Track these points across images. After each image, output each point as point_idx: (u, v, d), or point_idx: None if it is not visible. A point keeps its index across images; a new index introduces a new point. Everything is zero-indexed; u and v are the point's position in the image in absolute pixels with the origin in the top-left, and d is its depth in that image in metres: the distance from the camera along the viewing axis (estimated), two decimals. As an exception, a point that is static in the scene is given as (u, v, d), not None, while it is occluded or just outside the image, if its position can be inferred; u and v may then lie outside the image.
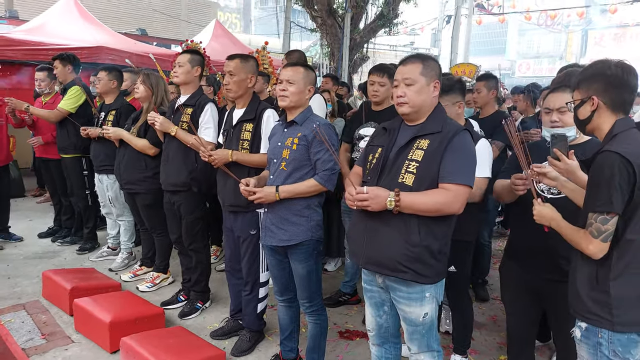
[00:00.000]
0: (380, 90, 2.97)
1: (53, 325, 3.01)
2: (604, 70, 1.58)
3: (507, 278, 2.25)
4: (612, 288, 1.52)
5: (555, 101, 2.00)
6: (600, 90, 1.58)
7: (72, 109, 4.08)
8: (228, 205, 2.65)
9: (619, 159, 1.46)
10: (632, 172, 1.46)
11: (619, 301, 1.52)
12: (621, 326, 1.52)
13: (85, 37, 6.62)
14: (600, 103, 1.58)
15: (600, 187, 1.49)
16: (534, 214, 1.70)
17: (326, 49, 9.28)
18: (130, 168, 3.40)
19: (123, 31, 9.73)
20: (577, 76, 1.67)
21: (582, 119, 1.64)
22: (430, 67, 1.83)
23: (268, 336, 2.95)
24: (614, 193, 1.46)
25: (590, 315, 1.57)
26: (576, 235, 1.57)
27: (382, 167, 1.85)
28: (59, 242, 4.52)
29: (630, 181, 1.46)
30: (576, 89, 1.65)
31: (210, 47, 7.17)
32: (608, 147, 1.51)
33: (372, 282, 1.97)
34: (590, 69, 1.64)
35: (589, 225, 1.52)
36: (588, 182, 1.56)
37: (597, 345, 1.56)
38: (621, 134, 1.54)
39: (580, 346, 1.64)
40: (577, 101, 1.65)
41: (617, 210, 1.47)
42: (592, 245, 1.51)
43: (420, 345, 1.92)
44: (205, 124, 2.90)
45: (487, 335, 3.07)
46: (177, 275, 3.68)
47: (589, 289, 1.58)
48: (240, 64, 2.57)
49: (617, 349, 1.53)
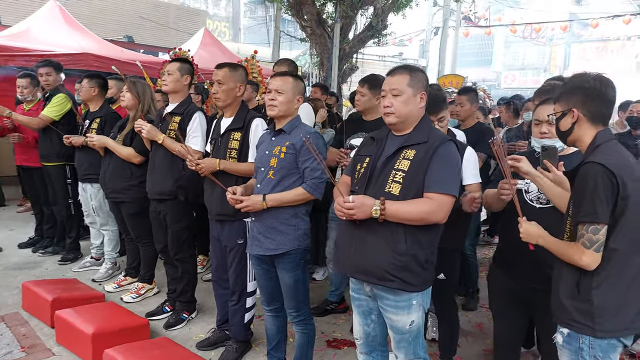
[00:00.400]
0: (360, 100, 3.02)
1: (33, 337, 2.94)
2: (583, 83, 1.63)
3: (495, 286, 2.28)
4: (595, 297, 1.56)
5: (544, 113, 2.04)
6: (579, 103, 1.62)
7: (56, 117, 4.01)
8: (215, 214, 2.63)
9: (602, 170, 1.50)
10: (616, 183, 1.49)
11: (600, 309, 1.55)
12: (602, 332, 1.56)
13: (70, 44, 6.54)
14: (580, 115, 1.63)
15: (585, 197, 1.52)
16: (521, 233, 1.72)
17: (315, 59, 9.34)
18: (116, 177, 3.35)
19: (109, 38, 9.66)
20: (558, 89, 1.72)
21: (564, 131, 1.69)
22: (417, 78, 1.87)
23: (255, 346, 2.91)
24: (598, 203, 1.49)
25: (573, 322, 1.60)
26: (566, 248, 1.59)
27: (370, 176, 1.87)
28: (40, 253, 4.42)
29: (614, 192, 1.50)
30: (557, 101, 1.70)
31: (198, 56, 7.14)
32: (592, 158, 1.55)
33: (359, 290, 1.98)
34: (570, 82, 1.68)
35: (580, 236, 1.54)
36: (573, 193, 1.59)
37: (578, 350, 1.60)
38: (603, 145, 1.59)
39: (562, 351, 1.67)
40: (558, 113, 1.69)
41: (602, 220, 1.50)
42: (586, 257, 1.52)
43: (407, 353, 1.94)
44: (193, 132, 2.89)
45: (473, 343, 3.08)
46: (162, 285, 3.62)
47: (571, 298, 1.61)
48: (229, 72, 2.57)
49: (597, 354, 1.58)
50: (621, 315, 1.56)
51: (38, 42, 6.30)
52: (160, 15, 13.88)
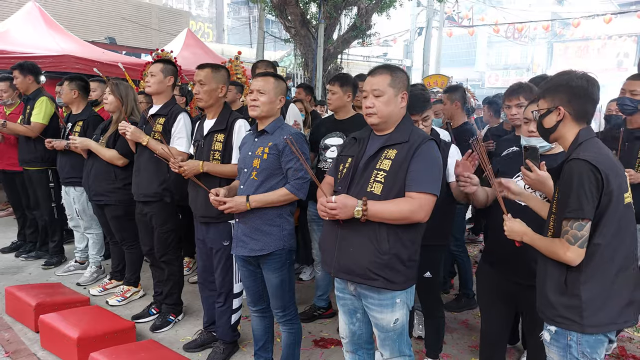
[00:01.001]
0: (331, 98, 3.06)
1: (17, 342, 2.90)
2: (569, 81, 1.63)
3: (483, 283, 2.30)
4: (583, 292, 1.57)
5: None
6: (565, 101, 1.63)
7: (47, 121, 3.98)
8: (200, 216, 2.63)
9: (587, 166, 1.51)
10: (600, 179, 1.51)
11: (587, 304, 1.56)
12: (590, 328, 1.57)
13: (50, 45, 6.42)
14: (565, 113, 1.63)
15: (570, 194, 1.53)
16: (505, 230, 1.73)
17: (300, 60, 9.35)
18: (100, 179, 3.32)
19: (91, 40, 9.52)
20: (542, 86, 1.71)
21: (547, 128, 1.69)
22: (398, 78, 1.88)
23: (242, 347, 2.92)
24: (584, 199, 1.50)
25: (560, 319, 1.61)
26: (551, 245, 1.60)
27: (352, 176, 1.88)
28: (23, 257, 4.35)
29: (599, 187, 1.51)
30: (541, 98, 1.70)
31: (181, 57, 7.10)
32: (575, 155, 1.56)
33: (344, 290, 2.00)
34: (555, 79, 1.68)
35: (564, 232, 1.55)
36: (559, 190, 1.60)
37: (566, 347, 1.61)
38: (586, 142, 1.60)
39: (550, 349, 1.68)
40: (542, 110, 1.69)
41: (587, 216, 1.51)
42: (570, 252, 1.53)
43: (393, 351, 1.95)
44: (177, 133, 2.88)
45: (458, 339, 3.13)
46: (148, 288, 3.60)
47: (558, 294, 1.61)
48: (211, 73, 2.57)
49: (585, 350, 1.59)
50: (607, 310, 1.57)
51: (17, 44, 6.19)
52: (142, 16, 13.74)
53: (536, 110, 1.73)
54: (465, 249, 3.69)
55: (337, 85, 3.04)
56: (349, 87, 3.06)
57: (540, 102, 1.71)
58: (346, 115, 3.10)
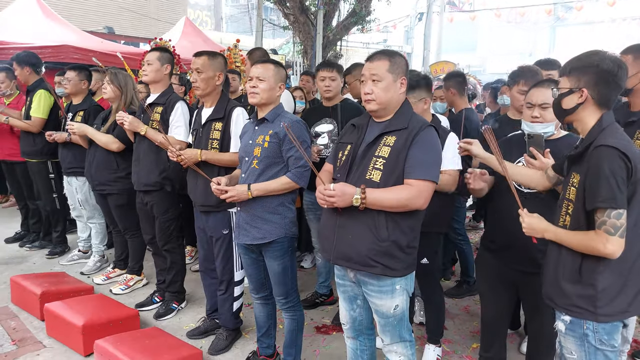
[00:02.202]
0: (331, 84, 3.04)
1: (23, 331, 2.94)
2: (600, 63, 1.51)
3: (483, 270, 2.30)
4: (599, 281, 1.52)
5: (538, 97, 1.99)
6: (591, 84, 1.52)
7: (46, 115, 3.97)
8: (199, 205, 2.64)
9: (617, 154, 1.44)
10: (630, 167, 1.44)
11: (602, 294, 1.52)
12: (604, 317, 1.54)
13: (48, 36, 6.40)
14: (588, 96, 1.53)
15: (600, 182, 1.45)
16: (524, 227, 1.65)
17: (299, 47, 9.28)
18: (102, 169, 3.34)
19: (89, 29, 9.47)
20: (569, 63, 1.59)
21: (565, 109, 1.58)
22: (397, 63, 1.85)
23: (245, 334, 2.95)
24: (616, 188, 1.43)
25: (573, 307, 1.57)
26: (585, 238, 1.50)
27: (351, 164, 1.87)
28: (27, 247, 4.39)
29: (629, 175, 1.45)
30: (565, 76, 1.58)
31: (180, 46, 7.04)
32: (603, 141, 1.47)
33: (344, 277, 2.00)
34: (585, 58, 1.56)
35: (602, 223, 1.45)
36: (587, 178, 1.50)
37: (583, 336, 1.58)
38: (609, 127, 1.53)
39: (566, 339, 1.64)
40: (563, 89, 1.58)
41: (621, 205, 1.43)
42: (610, 244, 1.44)
43: (393, 336, 1.97)
44: (175, 122, 2.87)
45: (460, 325, 3.16)
46: (151, 277, 3.64)
47: (572, 283, 1.57)
48: (208, 61, 2.56)
49: (603, 338, 1.56)
50: (621, 298, 1.53)
51: (15, 35, 6.16)
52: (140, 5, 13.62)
53: (556, 88, 1.62)
54: (466, 236, 3.69)
55: (335, 71, 3.02)
56: (341, 74, 3.09)
57: (562, 79, 1.59)
58: (336, 102, 3.10)
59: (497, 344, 2.35)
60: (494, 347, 2.35)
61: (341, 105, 3.08)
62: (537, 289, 1.82)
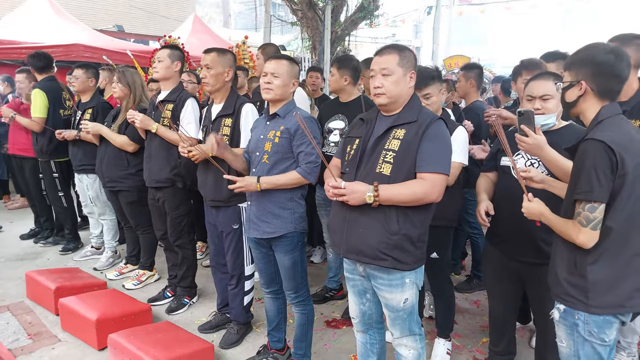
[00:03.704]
0: (330, 80, 3.07)
1: (39, 325, 3.00)
2: (595, 56, 1.55)
3: (490, 263, 2.31)
4: (590, 273, 1.55)
5: (538, 89, 2.00)
6: (588, 76, 1.56)
7: (44, 113, 3.99)
8: (209, 200, 2.66)
9: (602, 147, 1.46)
10: (615, 161, 1.45)
11: (594, 285, 1.55)
12: (595, 308, 1.56)
13: (60, 35, 6.48)
14: (587, 89, 1.57)
15: (581, 175, 1.49)
16: (523, 210, 1.71)
17: (307, 43, 9.26)
18: (112, 166, 3.38)
19: (99, 28, 9.55)
20: (570, 58, 1.65)
21: (569, 102, 1.64)
22: (406, 57, 1.85)
23: (256, 328, 2.98)
24: (595, 181, 1.46)
25: (568, 297, 1.61)
26: (565, 226, 1.57)
27: (360, 157, 1.87)
28: (41, 243, 4.46)
29: (613, 169, 1.46)
30: (567, 70, 1.64)
31: (189, 43, 7.08)
32: (592, 135, 1.50)
33: (353, 271, 2.01)
34: (582, 52, 1.60)
35: (577, 214, 1.51)
36: (572, 170, 1.57)
37: (573, 325, 1.61)
38: (606, 121, 1.54)
39: (559, 327, 1.69)
40: (565, 83, 1.63)
41: (598, 198, 1.47)
42: (582, 235, 1.51)
43: (403, 330, 1.97)
44: (186, 119, 2.90)
45: (470, 320, 3.15)
46: (163, 272, 3.68)
47: (567, 273, 1.61)
48: (217, 57, 2.57)
49: (592, 330, 1.58)
50: (615, 292, 1.55)
51: (27, 35, 6.24)
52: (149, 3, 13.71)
53: (560, 82, 1.69)
54: (481, 230, 3.65)
55: (334, 67, 3.03)
56: (347, 71, 3.00)
57: (565, 74, 1.65)
58: (349, 98, 3.07)
59: (506, 338, 2.36)
60: (503, 341, 2.37)
61: (355, 103, 3.03)
62: (542, 281, 1.84)
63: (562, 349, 1.70)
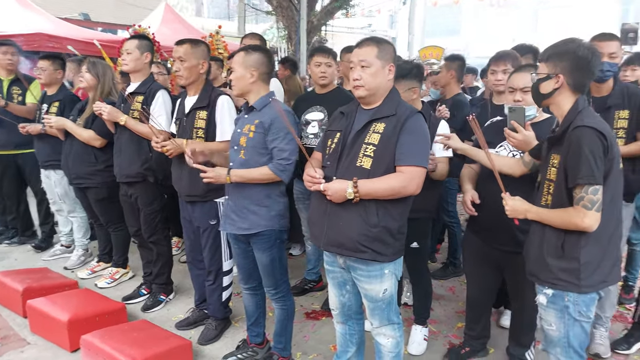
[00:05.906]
0: (327, 71, 2.95)
1: (6, 328, 2.88)
2: (576, 50, 1.61)
3: (469, 251, 2.39)
4: (582, 255, 1.62)
5: (519, 81, 2.05)
6: (567, 70, 1.62)
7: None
8: (185, 195, 2.60)
9: (595, 133, 1.54)
10: (606, 145, 1.55)
11: (585, 266, 1.63)
12: (587, 288, 1.64)
13: (22, 23, 6.18)
14: (564, 82, 1.63)
15: (580, 160, 1.54)
16: (507, 210, 1.74)
17: (283, 32, 9.15)
18: (79, 162, 3.24)
19: (64, 16, 9.17)
20: (548, 50, 1.69)
21: (543, 93, 1.68)
22: (385, 50, 1.86)
23: (235, 322, 2.95)
24: (594, 165, 1.53)
25: (558, 281, 1.67)
26: (564, 214, 1.61)
27: (341, 151, 1.87)
28: (6, 243, 4.27)
29: (605, 153, 1.55)
30: (544, 62, 1.68)
31: (160, 33, 6.86)
32: (580, 122, 1.57)
33: (333, 263, 2.01)
34: (562, 46, 1.66)
35: (580, 199, 1.56)
36: (568, 157, 1.60)
37: (564, 308, 1.68)
38: (585, 110, 1.62)
39: (547, 312, 1.74)
40: (541, 75, 1.68)
41: (599, 181, 1.54)
42: (588, 218, 1.54)
43: (382, 320, 2.00)
44: (157, 111, 2.80)
45: (445, 306, 3.21)
46: (137, 269, 3.59)
47: (556, 258, 1.66)
48: (191, 49, 2.49)
49: (582, 309, 1.68)
50: (600, 269, 1.64)
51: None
52: (117, -10, 13.21)
53: (535, 73, 1.72)
54: (458, 219, 3.73)
55: (330, 58, 2.95)
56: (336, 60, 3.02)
57: (541, 65, 1.69)
58: (328, 89, 3.03)
59: (482, 322, 2.46)
60: (479, 325, 2.47)
61: (333, 94, 2.97)
62: (520, 268, 1.91)
63: (551, 332, 1.75)
